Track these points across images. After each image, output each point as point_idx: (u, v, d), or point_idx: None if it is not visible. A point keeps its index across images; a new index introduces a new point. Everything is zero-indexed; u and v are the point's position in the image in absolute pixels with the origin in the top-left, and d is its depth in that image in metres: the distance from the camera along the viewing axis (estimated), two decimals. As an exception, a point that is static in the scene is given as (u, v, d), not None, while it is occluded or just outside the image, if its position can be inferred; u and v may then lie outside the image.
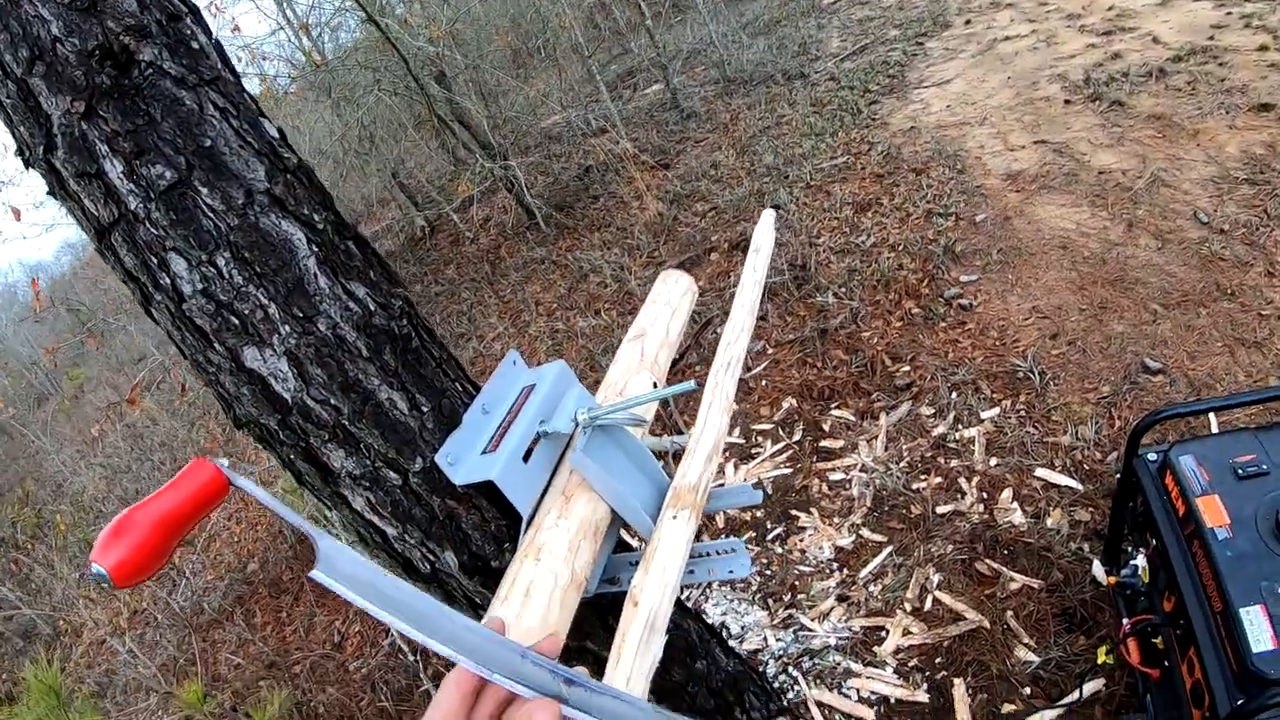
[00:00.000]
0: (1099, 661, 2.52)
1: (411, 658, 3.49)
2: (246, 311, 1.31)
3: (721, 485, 1.71)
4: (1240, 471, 2.08)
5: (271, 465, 5.17)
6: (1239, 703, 1.78)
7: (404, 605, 0.71)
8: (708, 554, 1.58)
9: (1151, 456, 2.35)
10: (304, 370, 1.35)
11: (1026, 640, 2.75)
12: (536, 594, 1.30)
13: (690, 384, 1.42)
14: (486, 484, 1.49)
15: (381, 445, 1.43)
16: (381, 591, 0.71)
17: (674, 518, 1.46)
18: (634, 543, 1.87)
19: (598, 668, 1.89)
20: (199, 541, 5.38)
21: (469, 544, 1.54)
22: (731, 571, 1.54)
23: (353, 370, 1.39)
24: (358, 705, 3.51)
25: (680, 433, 1.66)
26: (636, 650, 1.27)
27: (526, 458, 1.45)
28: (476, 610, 1.66)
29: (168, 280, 1.29)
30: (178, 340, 1.39)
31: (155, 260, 1.28)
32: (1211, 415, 3.16)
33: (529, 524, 1.43)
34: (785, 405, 3.87)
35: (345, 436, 1.40)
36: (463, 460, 1.46)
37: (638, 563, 1.61)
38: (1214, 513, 2.00)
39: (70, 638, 5.34)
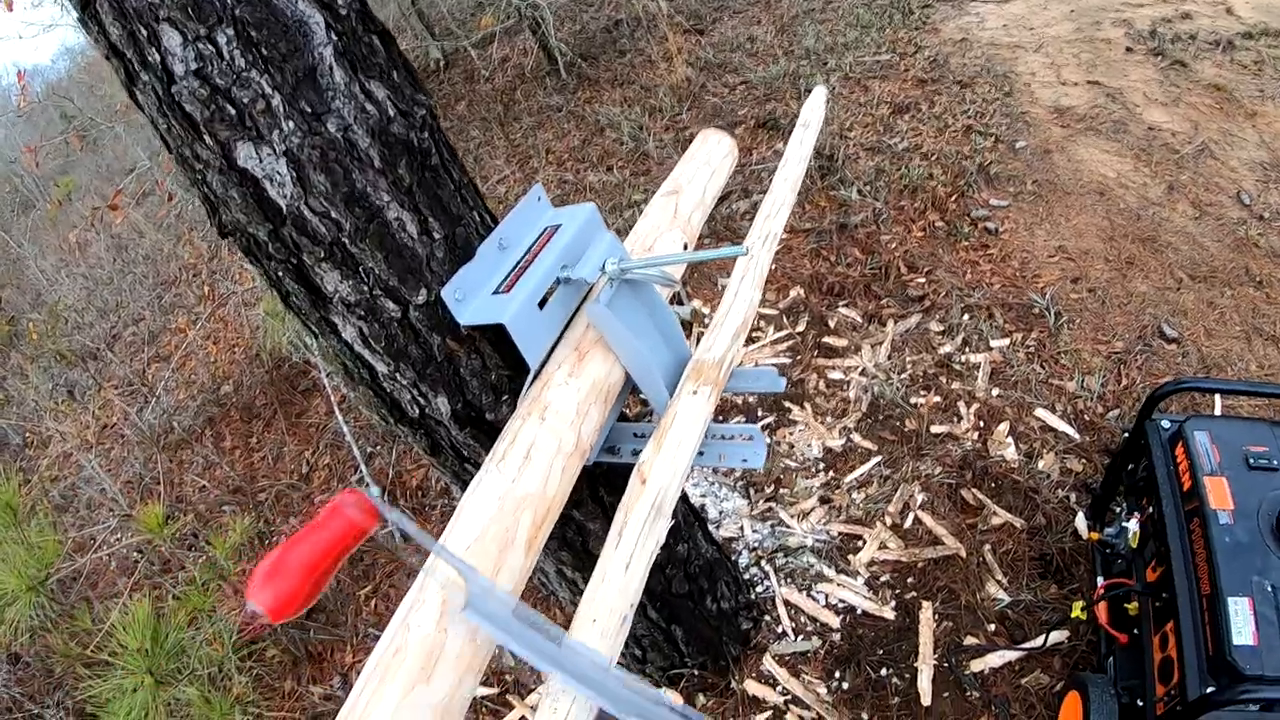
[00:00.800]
0: (1071, 615, 2.48)
1: (375, 490, 3.43)
2: (246, 100, 1.11)
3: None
4: (1251, 460, 2.05)
5: (255, 287, 5.02)
6: (1209, 690, 1.75)
7: (547, 651, 0.74)
8: (723, 437, 1.46)
9: (1165, 424, 2.29)
10: (304, 175, 1.17)
11: (1000, 577, 2.72)
12: (538, 457, 1.18)
13: (741, 248, 1.27)
14: (495, 327, 1.36)
15: (383, 271, 1.27)
16: (524, 636, 0.75)
17: (694, 393, 1.34)
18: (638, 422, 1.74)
19: (581, 538, 1.81)
20: (174, 359, 5.26)
21: (464, 391, 1.41)
22: (745, 460, 1.43)
23: (360, 181, 1.21)
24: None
25: (682, 304, 1.52)
26: (640, 531, 1.16)
27: (542, 304, 1.32)
28: (463, 462, 1.55)
29: (156, 56, 1.09)
30: (163, 130, 1.19)
31: (145, 32, 1.07)
32: (1217, 398, 3.10)
33: (535, 378, 1.30)
34: (793, 294, 3.73)
35: (343, 256, 1.24)
36: (471, 298, 1.32)
37: (643, 435, 1.51)
38: (1219, 495, 1.97)
39: (37, 450, 5.25)
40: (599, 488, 1.73)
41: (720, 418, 3.36)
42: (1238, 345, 3.35)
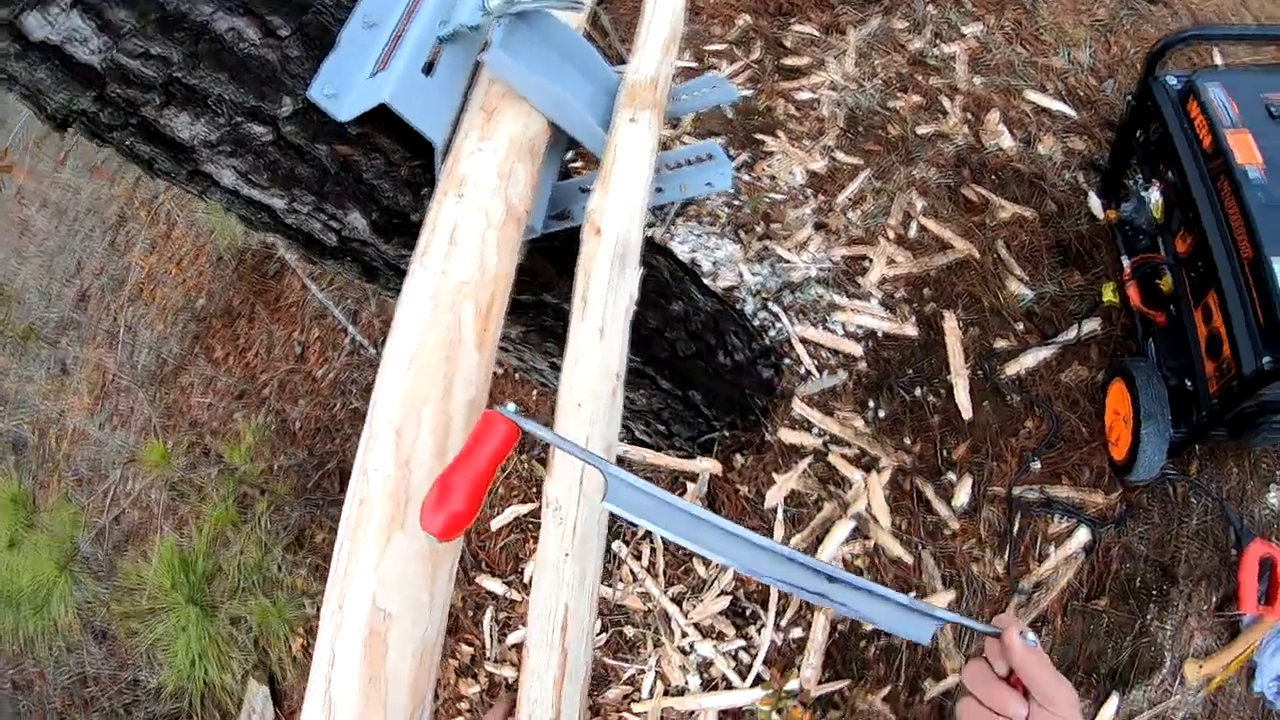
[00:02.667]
0: (1104, 300, 2.38)
1: (373, 350, 3.33)
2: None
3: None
4: (1274, 111, 1.87)
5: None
6: (1266, 361, 1.65)
7: (684, 524, 0.73)
8: (678, 164, 1.29)
9: (1171, 80, 2.10)
10: (105, 17, 0.97)
11: (1019, 273, 2.60)
12: (464, 238, 1.02)
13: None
14: (387, 120, 1.17)
15: (235, 92, 1.07)
16: (663, 513, 0.74)
17: (631, 120, 1.17)
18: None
19: (562, 323, 1.67)
20: (142, 291, 5.09)
21: (377, 197, 1.24)
22: (709, 184, 1.27)
23: (171, 1, 1.00)
24: (330, 413, 3.40)
25: (623, 63, 1.31)
26: (608, 288, 1.02)
27: (429, 72, 1.12)
28: (404, 277, 1.39)
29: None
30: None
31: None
32: (1217, 54, 2.88)
33: (445, 154, 1.12)
34: (740, 23, 3.43)
35: (185, 93, 1.04)
36: (346, 90, 1.12)
37: (587, 189, 1.34)
38: (1245, 151, 1.81)
39: (51, 437, 5.20)
40: (563, 260, 1.57)
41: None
42: (1230, 1, 3.10)
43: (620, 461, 2.59)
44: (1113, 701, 2.07)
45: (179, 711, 3.04)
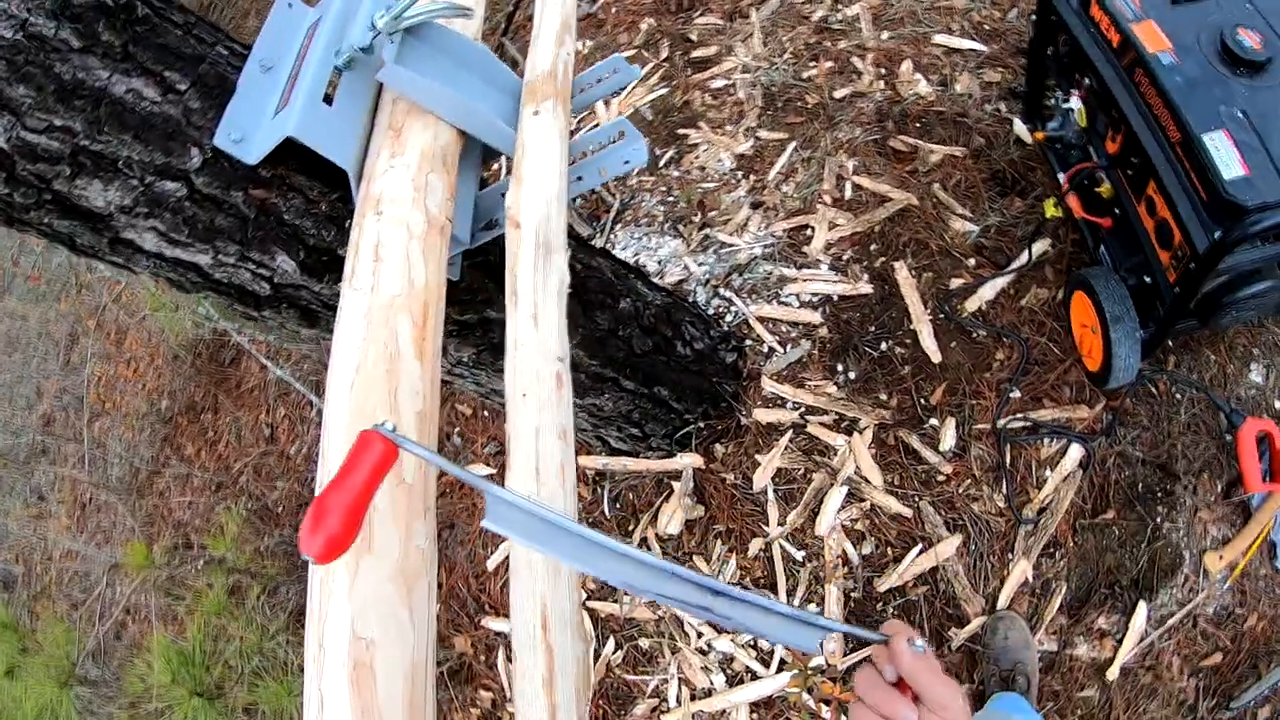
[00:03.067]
0: (1047, 216, 2.40)
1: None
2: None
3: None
4: None
5: (129, 292, 4.73)
6: (1217, 234, 1.66)
7: (568, 543, 0.73)
8: (591, 150, 1.28)
9: None
10: (4, 95, 0.97)
11: (961, 210, 2.61)
12: (389, 254, 1.01)
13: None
14: (299, 159, 1.17)
15: (142, 152, 1.07)
16: (546, 533, 0.73)
17: (535, 113, 1.16)
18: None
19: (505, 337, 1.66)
20: (104, 404, 5.03)
21: (301, 236, 1.22)
22: (627, 162, 1.26)
23: (66, 71, 1.00)
24: (309, 487, 3.35)
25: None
26: (534, 274, 1.01)
27: (330, 102, 1.11)
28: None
29: None
30: None
31: None
32: None
33: (358, 179, 1.11)
34: (644, 26, 3.45)
35: (94, 161, 1.04)
36: (252, 133, 1.12)
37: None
38: (1153, 38, 1.83)
39: (36, 563, 5.12)
40: (503, 274, 1.56)
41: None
42: None
43: (602, 475, 2.58)
44: (1141, 609, 2.06)
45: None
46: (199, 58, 1.14)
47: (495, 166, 2.79)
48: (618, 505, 2.56)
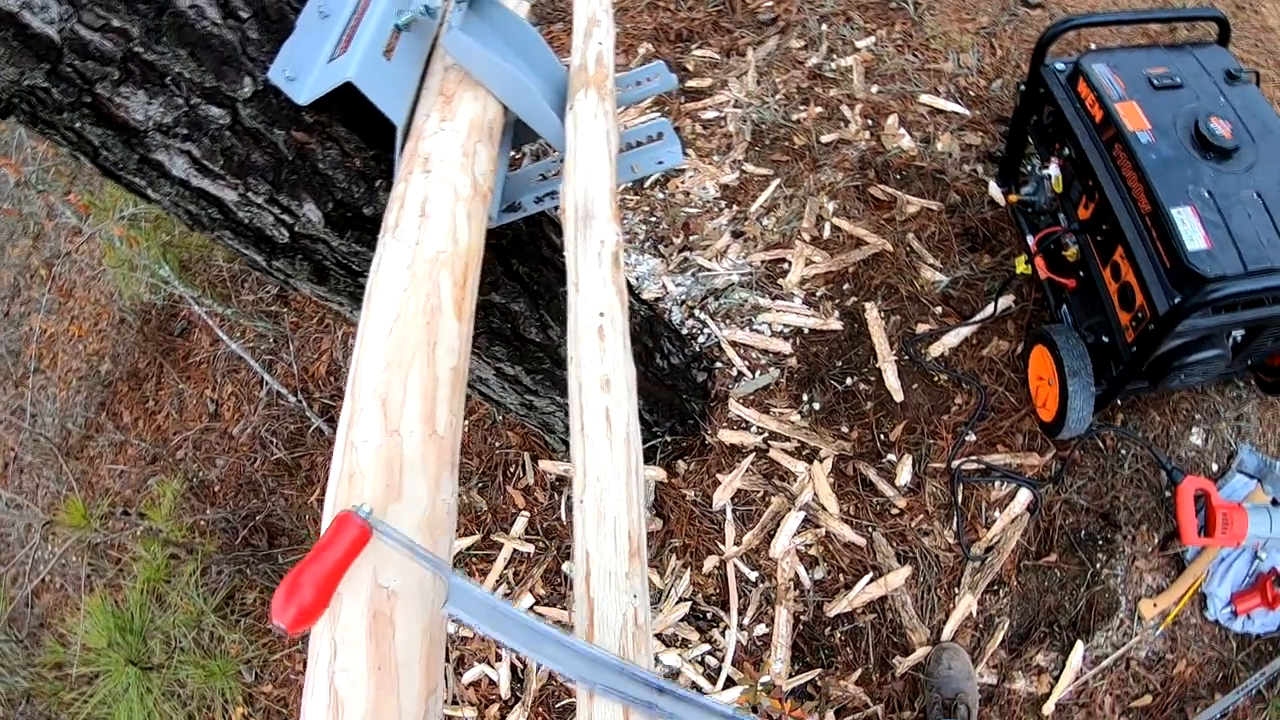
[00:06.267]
0: (1017, 271, 2.51)
1: (294, 399, 3.24)
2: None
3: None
4: (1155, 82, 2.07)
5: (91, 242, 4.60)
6: (1177, 300, 1.79)
7: (521, 634, 0.76)
8: (629, 146, 1.33)
9: (1060, 66, 2.28)
10: None
11: (932, 261, 2.72)
12: (435, 211, 1.02)
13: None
14: (343, 109, 1.18)
15: (194, 71, 1.05)
16: (504, 624, 0.76)
17: (584, 96, 1.19)
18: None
19: (509, 324, 1.68)
20: (42, 357, 4.85)
21: (332, 188, 1.23)
22: (661, 162, 1.30)
23: None
24: (253, 467, 3.29)
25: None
26: (575, 245, 1.05)
27: (388, 57, 1.13)
28: (356, 278, 1.39)
29: None
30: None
31: None
32: (1093, 45, 3.11)
33: (406, 135, 1.13)
34: (641, 51, 3.51)
35: (143, 70, 1.02)
36: (306, 74, 1.11)
37: (546, 175, 1.37)
38: (1134, 118, 1.99)
39: None
40: (510, 260, 1.59)
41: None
42: (1103, 1, 3.37)
43: (563, 481, 2.59)
44: (1078, 649, 2.16)
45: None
46: (263, -14, 1.14)
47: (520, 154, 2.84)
48: (575, 512, 2.56)
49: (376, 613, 0.72)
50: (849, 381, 2.54)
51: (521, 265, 1.61)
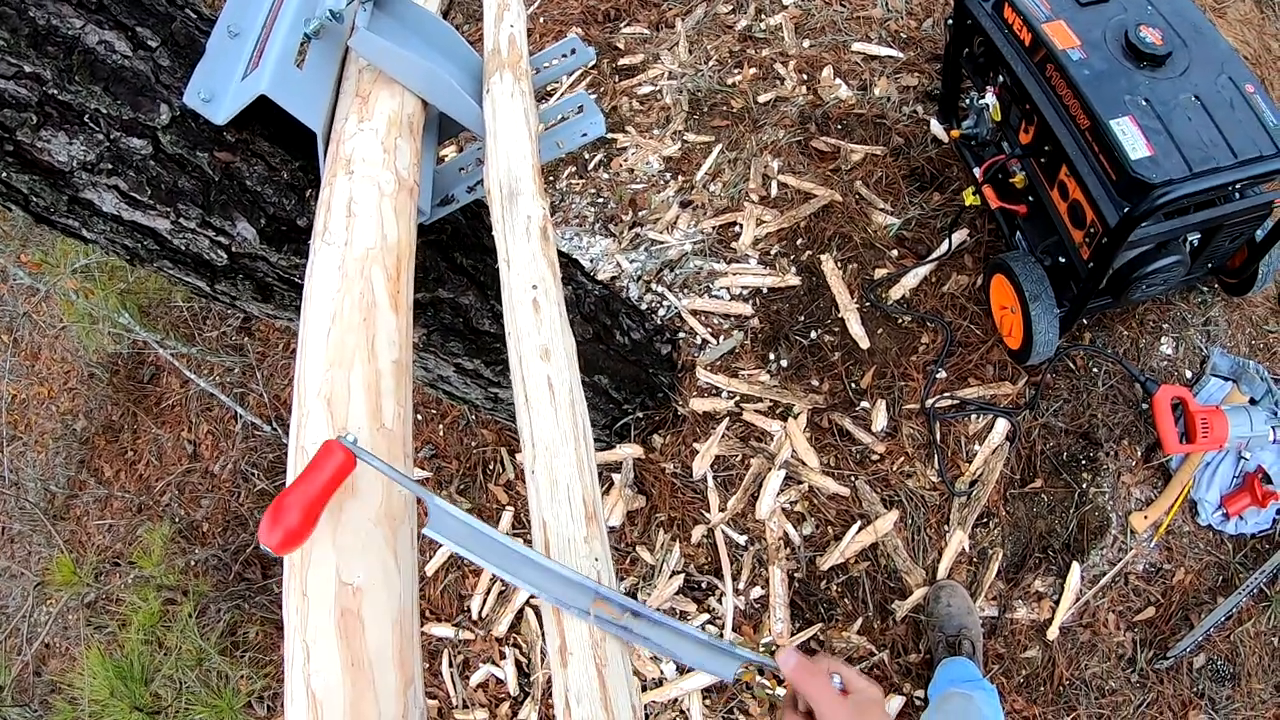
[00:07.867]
0: (966, 203, 2.51)
1: (269, 428, 3.23)
2: None
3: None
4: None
5: (47, 303, 4.55)
6: (1126, 209, 1.79)
7: (499, 553, 0.79)
8: (550, 123, 1.33)
9: None
10: None
11: (882, 205, 2.73)
12: (361, 210, 1.03)
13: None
14: (264, 124, 1.17)
15: (111, 105, 1.05)
16: (481, 543, 0.79)
17: (500, 79, 1.19)
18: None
19: (461, 318, 1.68)
20: (16, 424, 4.80)
21: (263, 204, 1.22)
22: (585, 134, 1.31)
23: (40, 16, 0.99)
24: (238, 501, 3.28)
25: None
26: (503, 223, 1.05)
27: (301, 66, 1.13)
28: (298, 291, 1.38)
29: None
30: None
31: None
32: None
33: (327, 141, 1.13)
34: (571, 36, 3.50)
35: (60, 112, 1.02)
36: (221, 93, 1.11)
37: (466, 166, 1.37)
38: (1063, 36, 1.99)
39: None
40: (453, 253, 1.59)
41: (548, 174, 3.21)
42: None
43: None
44: (1075, 570, 2.18)
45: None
46: (169, 17, 1.13)
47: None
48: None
49: (344, 610, 0.72)
50: (814, 335, 2.55)
51: (464, 258, 1.61)
